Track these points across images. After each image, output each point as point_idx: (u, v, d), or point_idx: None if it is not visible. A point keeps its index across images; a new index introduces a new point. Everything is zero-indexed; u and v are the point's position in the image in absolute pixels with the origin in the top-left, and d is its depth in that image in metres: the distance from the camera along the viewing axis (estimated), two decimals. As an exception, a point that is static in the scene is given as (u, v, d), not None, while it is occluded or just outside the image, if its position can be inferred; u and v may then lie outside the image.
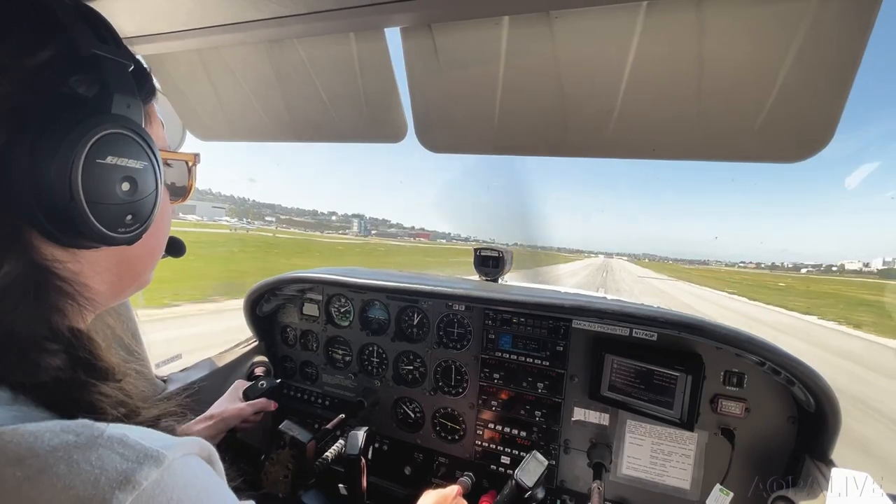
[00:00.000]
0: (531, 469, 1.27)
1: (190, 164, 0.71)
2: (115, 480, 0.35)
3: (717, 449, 1.38)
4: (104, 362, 0.48)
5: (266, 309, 2.02)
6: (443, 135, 0.99)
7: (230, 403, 1.39)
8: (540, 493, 1.26)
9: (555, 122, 0.87)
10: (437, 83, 0.92)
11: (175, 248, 0.72)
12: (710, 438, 1.39)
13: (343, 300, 1.97)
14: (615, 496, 1.52)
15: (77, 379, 0.45)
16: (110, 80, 0.49)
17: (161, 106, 1.35)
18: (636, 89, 0.80)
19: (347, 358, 1.97)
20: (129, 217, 0.51)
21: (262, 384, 1.50)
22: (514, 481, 1.24)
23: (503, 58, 0.84)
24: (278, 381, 1.55)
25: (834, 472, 0.93)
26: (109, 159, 0.48)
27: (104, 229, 0.48)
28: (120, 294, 0.59)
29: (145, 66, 0.61)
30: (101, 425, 0.39)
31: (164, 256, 0.69)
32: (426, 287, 1.68)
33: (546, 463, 1.30)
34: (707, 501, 1.29)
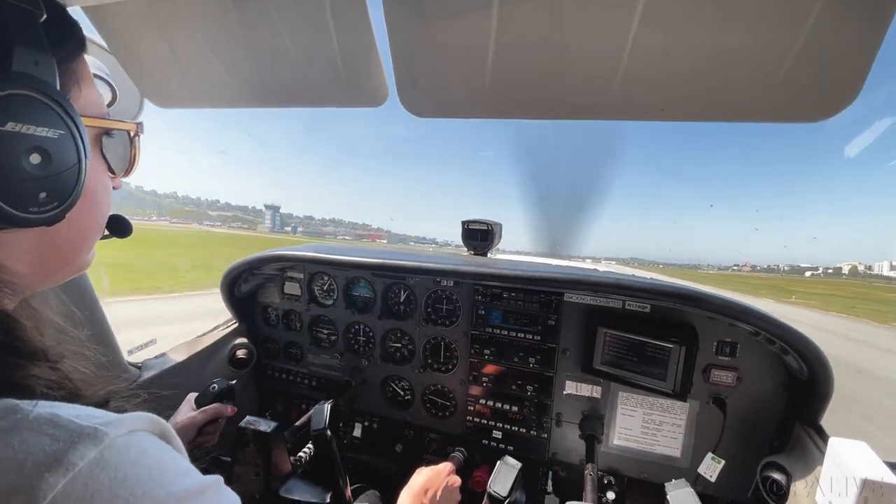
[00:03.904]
0: (503, 476, 1.22)
1: (132, 133, 0.61)
2: (43, 464, 0.32)
3: (708, 418, 1.39)
4: (31, 343, 0.43)
5: (245, 289, 1.92)
6: (428, 96, 0.89)
7: (181, 415, 1.27)
8: (521, 497, 1.22)
9: (554, 79, 0.78)
10: (421, 36, 0.81)
11: (119, 227, 0.64)
12: (702, 408, 1.40)
13: (326, 278, 1.89)
14: (607, 466, 1.52)
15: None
16: (11, 30, 0.41)
17: (112, 69, 1.20)
18: (645, 42, 0.71)
19: (333, 337, 1.91)
20: (44, 195, 0.44)
21: (213, 387, 1.36)
22: (486, 495, 1.20)
23: (496, 5, 0.74)
24: (234, 381, 1.41)
25: (832, 440, 0.93)
26: (10, 126, 0.40)
27: (10, 209, 0.41)
28: (47, 279, 0.52)
29: (68, 15, 0.51)
30: (27, 405, 0.35)
31: (106, 237, 0.61)
32: (413, 263, 1.61)
33: (518, 466, 1.26)
34: (699, 469, 1.30)
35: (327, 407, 1.37)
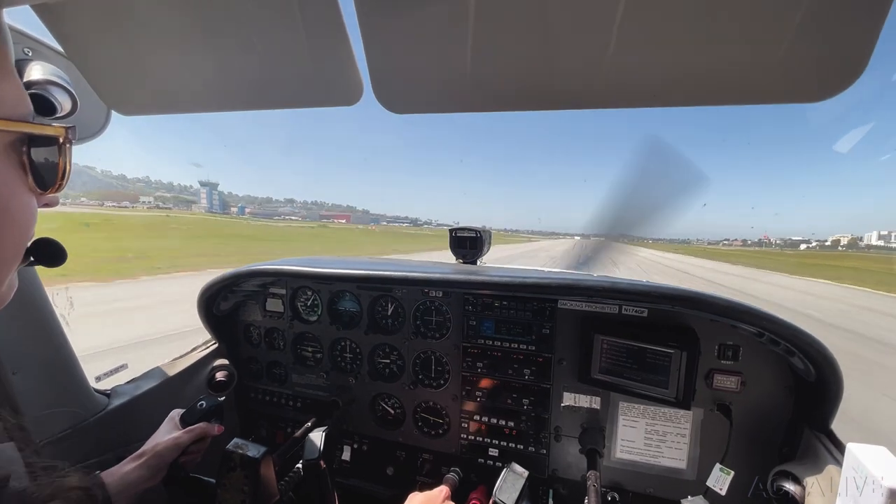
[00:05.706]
0: (509, 485, 1.17)
1: (61, 139, 0.52)
2: None
3: (713, 426, 1.32)
4: None
5: (224, 307, 1.83)
6: (405, 91, 0.83)
7: (165, 434, 1.19)
8: None
9: (538, 68, 0.73)
10: (394, 28, 0.76)
11: (49, 254, 0.53)
12: (706, 415, 1.33)
13: (309, 293, 1.81)
14: (610, 481, 1.44)
15: None
16: None
17: (72, 76, 1.13)
18: (633, 24, 0.66)
19: (318, 355, 1.82)
20: None
21: (200, 405, 1.29)
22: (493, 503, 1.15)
23: (473, -11, 0.69)
24: (222, 398, 1.33)
25: (850, 447, 0.86)
26: None
27: None
28: None
29: None
30: None
31: (31, 264, 0.50)
32: (399, 273, 1.54)
33: (526, 474, 1.21)
34: (708, 482, 1.22)
35: (322, 435, 1.29)
